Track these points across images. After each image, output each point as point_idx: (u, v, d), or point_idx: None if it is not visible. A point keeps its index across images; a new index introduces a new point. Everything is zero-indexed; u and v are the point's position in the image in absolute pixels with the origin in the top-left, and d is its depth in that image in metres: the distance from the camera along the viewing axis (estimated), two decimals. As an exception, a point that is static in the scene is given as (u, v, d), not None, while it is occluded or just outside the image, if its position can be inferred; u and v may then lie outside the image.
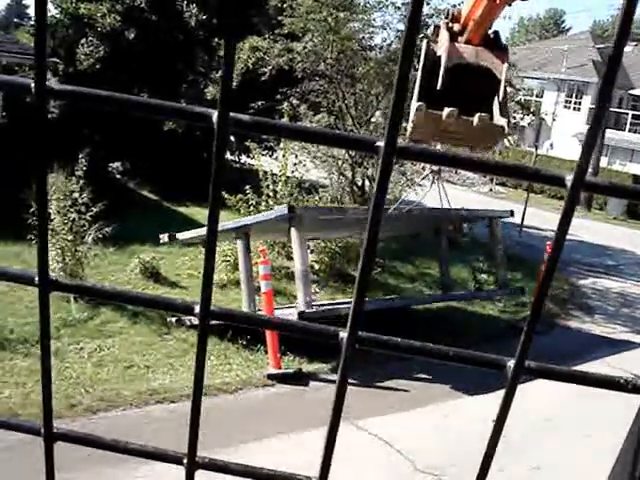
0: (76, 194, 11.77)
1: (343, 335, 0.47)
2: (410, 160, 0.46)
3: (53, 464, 0.52)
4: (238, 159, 22.46)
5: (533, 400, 9.50)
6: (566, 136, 38.40)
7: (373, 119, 16.63)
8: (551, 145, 37.98)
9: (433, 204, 13.22)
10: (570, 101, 43.57)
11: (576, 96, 43.45)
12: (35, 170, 0.45)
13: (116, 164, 20.95)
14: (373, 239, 0.43)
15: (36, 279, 0.47)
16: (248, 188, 14.13)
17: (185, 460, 0.49)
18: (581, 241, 23.50)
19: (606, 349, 12.68)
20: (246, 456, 7.36)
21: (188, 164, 18.10)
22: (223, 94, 0.42)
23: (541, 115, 28.28)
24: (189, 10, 19.69)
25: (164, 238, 12.11)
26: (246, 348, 10.62)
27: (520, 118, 18.26)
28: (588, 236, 24.46)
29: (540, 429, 8.92)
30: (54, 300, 10.61)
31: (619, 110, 41.82)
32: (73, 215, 11.64)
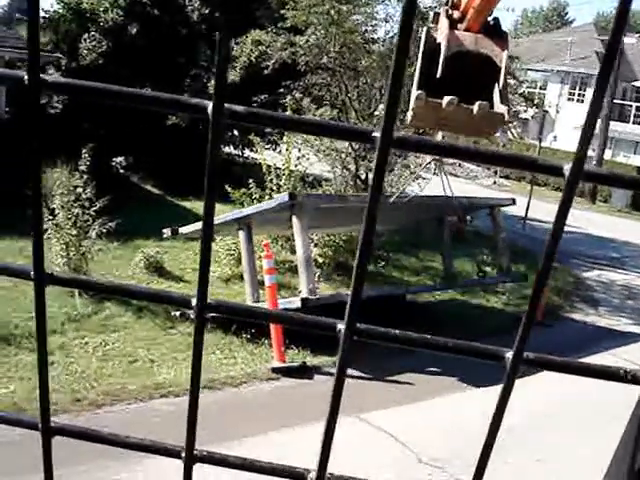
0: (80, 189, 11.78)
1: (341, 327, 0.46)
2: (407, 150, 0.46)
3: (51, 458, 0.52)
4: (241, 153, 22.45)
5: (536, 393, 9.51)
6: (570, 128, 38.27)
7: (376, 112, 16.59)
8: (555, 137, 37.87)
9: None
10: (574, 93, 43.47)
11: (580, 88, 43.34)
12: (29, 164, 0.44)
13: (119, 159, 20.97)
14: (370, 230, 0.42)
15: (32, 273, 0.47)
16: (252, 182, 14.13)
17: (183, 453, 0.49)
18: (585, 233, 23.48)
19: (611, 341, 12.67)
20: (251, 449, 7.37)
21: (191, 158, 18.10)
22: (218, 85, 0.42)
23: (545, 107, 28.21)
24: (191, 4, 19.68)
25: (167, 233, 12.12)
26: (250, 342, 10.63)
27: (524, 110, 18.21)
28: (592, 228, 24.45)
29: (543, 421, 8.93)
30: (59, 295, 10.65)
31: (623, 102, 41.73)
32: (77, 210, 11.65)
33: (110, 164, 19.99)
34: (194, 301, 0.46)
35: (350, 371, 10.08)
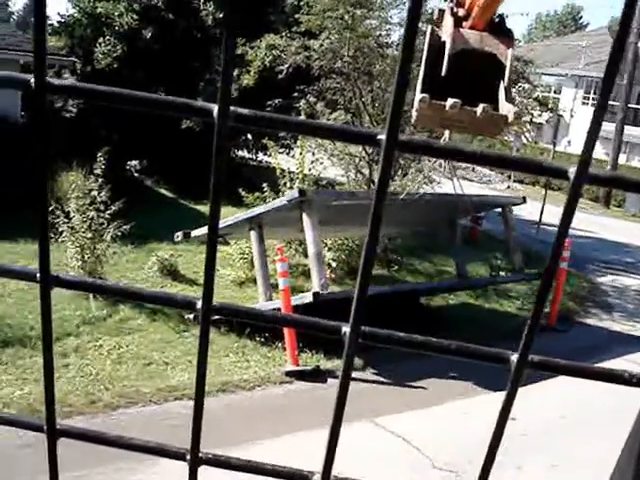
0: (95, 192, 11.83)
1: (346, 329, 0.46)
2: (412, 153, 0.46)
3: (56, 460, 0.53)
4: (255, 157, 22.48)
5: (550, 398, 9.47)
6: (584, 132, 37.91)
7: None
8: (569, 142, 37.75)
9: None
10: (588, 97, 43.27)
11: (594, 92, 43.13)
12: (36, 167, 0.45)
13: (134, 162, 21.04)
14: (375, 232, 0.42)
15: (38, 276, 0.47)
16: (265, 186, 14.14)
17: (188, 456, 0.49)
18: (600, 238, 23.36)
19: (626, 346, 12.59)
20: (264, 452, 7.37)
21: (205, 162, 18.11)
22: (223, 88, 0.42)
23: (559, 112, 28.10)
24: (206, 8, 19.72)
25: (179, 236, 12.16)
26: (264, 345, 10.65)
27: (538, 115, 18.12)
28: (607, 233, 24.31)
29: (558, 427, 8.89)
30: (74, 298, 10.70)
31: (638, 106, 41.50)
32: (92, 213, 11.70)
33: (125, 168, 20.06)
34: (199, 304, 0.46)
35: (365, 375, 10.11)
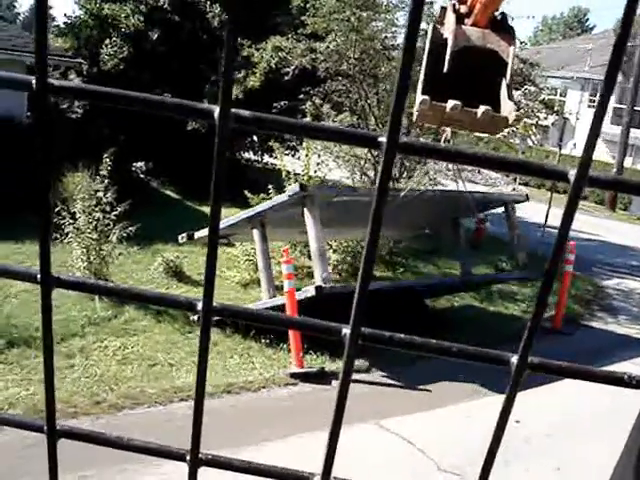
0: (100, 193, 11.84)
1: (346, 331, 0.46)
2: (413, 155, 0.46)
3: (56, 461, 0.53)
4: (261, 159, 22.48)
5: (554, 402, 9.45)
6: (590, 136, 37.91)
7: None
8: (575, 145, 37.66)
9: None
10: (594, 100, 43.01)
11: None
12: (37, 167, 0.45)
13: (140, 164, 21.06)
14: (376, 233, 0.42)
15: (38, 276, 0.48)
16: (271, 187, 14.14)
17: (188, 457, 0.49)
18: (605, 241, 23.32)
19: (631, 349, 12.55)
20: (269, 454, 7.37)
21: (210, 164, 18.05)
22: (224, 90, 0.42)
23: (565, 114, 28.06)
24: (212, 10, 19.74)
25: (183, 238, 12.17)
26: (269, 347, 10.65)
27: (544, 118, 18.10)
28: (612, 236, 24.27)
29: (562, 430, 8.87)
30: (79, 299, 10.72)
31: (645, 109, 41.35)
32: (98, 214, 11.71)
33: (130, 169, 20.08)
34: (199, 305, 0.46)
35: (370, 378, 10.11)
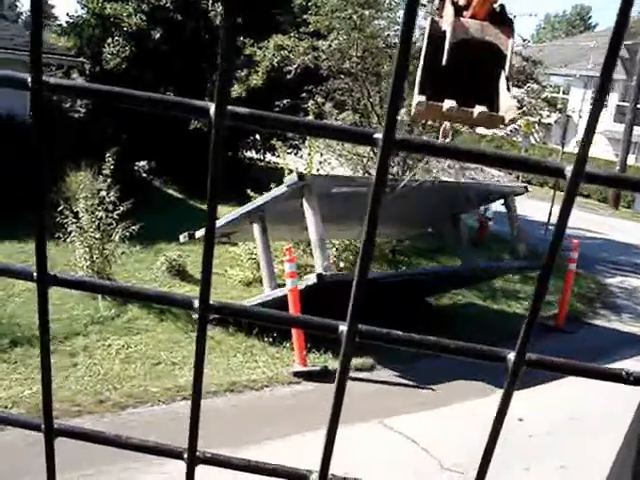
0: (103, 193, 11.84)
1: (343, 328, 0.46)
2: (409, 152, 0.45)
3: (54, 459, 0.53)
4: (263, 157, 22.49)
5: (556, 400, 9.45)
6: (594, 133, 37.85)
7: (398, 117, 16.52)
8: (577, 142, 37.62)
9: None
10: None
11: (604, 92, 42.94)
12: (34, 165, 0.45)
13: (142, 163, 21.06)
14: (372, 229, 0.42)
15: (35, 275, 0.48)
16: (273, 186, 14.13)
17: (185, 455, 0.49)
18: (608, 239, 23.30)
19: (634, 347, 12.54)
20: (272, 453, 7.37)
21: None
22: (220, 87, 0.42)
23: (568, 112, 28.02)
24: (214, 9, 19.73)
25: (184, 237, 12.16)
26: (272, 345, 10.65)
27: (547, 115, 18.07)
28: (615, 234, 24.25)
29: (564, 428, 8.86)
30: (82, 298, 10.74)
31: (648, 106, 41.25)
32: (100, 214, 11.71)
33: (133, 168, 20.08)
34: (196, 303, 0.46)
35: (374, 376, 10.11)
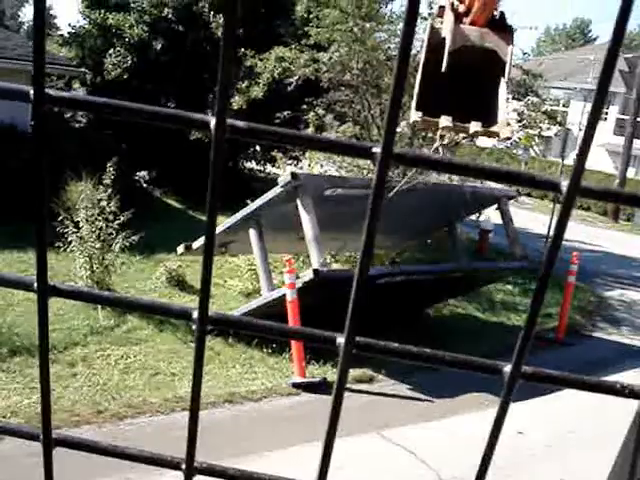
0: (104, 203, 11.85)
1: (340, 340, 0.47)
2: (407, 166, 0.46)
3: (52, 469, 0.53)
4: (264, 168, 22.52)
5: (558, 411, 9.43)
6: (593, 146, 37.87)
7: (399, 129, 16.57)
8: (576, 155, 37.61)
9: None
10: (598, 111, 43.09)
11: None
12: (34, 177, 0.45)
13: (143, 173, 21.08)
14: (371, 239, 0.43)
15: (35, 285, 0.48)
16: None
17: (183, 465, 0.49)
18: (608, 252, 23.30)
19: (633, 360, 12.53)
20: (270, 464, 7.35)
21: (213, 173, 18.10)
22: (219, 101, 0.42)
23: (567, 125, 28.06)
24: (215, 20, 19.79)
25: (181, 249, 12.12)
26: (271, 356, 10.65)
27: (547, 128, 18.11)
28: (615, 247, 24.25)
29: (566, 439, 8.84)
30: (82, 308, 10.73)
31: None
32: (101, 224, 11.72)
33: (133, 178, 20.10)
34: (195, 313, 0.46)
35: (374, 388, 10.09)
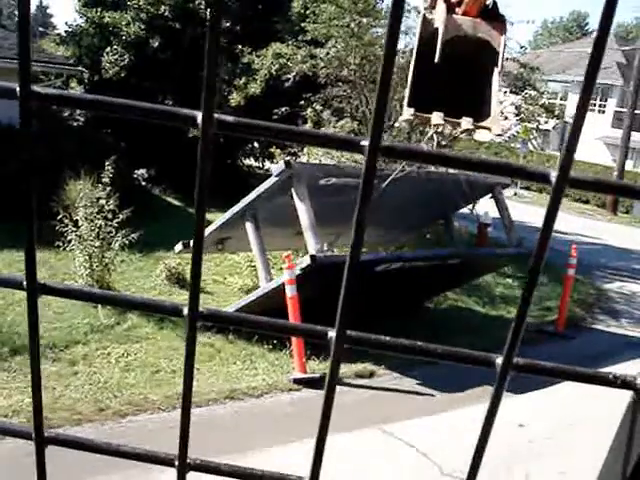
0: (103, 201, 11.84)
1: (332, 334, 0.47)
2: (395, 159, 0.46)
3: (44, 467, 0.53)
4: (262, 165, 22.52)
5: (555, 405, 9.43)
6: (591, 139, 38.01)
7: (396, 124, 16.59)
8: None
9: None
10: (595, 104, 43.17)
11: (601, 99, 43.06)
12: (24, 173, 0.45)
13: (141, 171, 21.08)
14: (360, 234, 0.43)
15: (24, 283, 0.48)
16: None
17: (176, 462, 0.49)
18: (607, 245, 23.30)
19: (633, 352, 12.52)
20: (271, 460, 7.35)
21: (212, 171, 18.09)
22: (206, 95, 0.42)
23: (565, 118, 28.04)
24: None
25: (178, 247, 12.10)
26: (272, 352, 10.65)
27: (544, 122, 18.11)
28: (614, 240, 24.24)
29: (564, 433, 8.84)
30: (82, 306, 10.74)
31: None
32: (100, 222, 11.72)
33: (132, 176, 20.10)
34: (185, 310, 0.46)
35: (374, 382, 10.10)
